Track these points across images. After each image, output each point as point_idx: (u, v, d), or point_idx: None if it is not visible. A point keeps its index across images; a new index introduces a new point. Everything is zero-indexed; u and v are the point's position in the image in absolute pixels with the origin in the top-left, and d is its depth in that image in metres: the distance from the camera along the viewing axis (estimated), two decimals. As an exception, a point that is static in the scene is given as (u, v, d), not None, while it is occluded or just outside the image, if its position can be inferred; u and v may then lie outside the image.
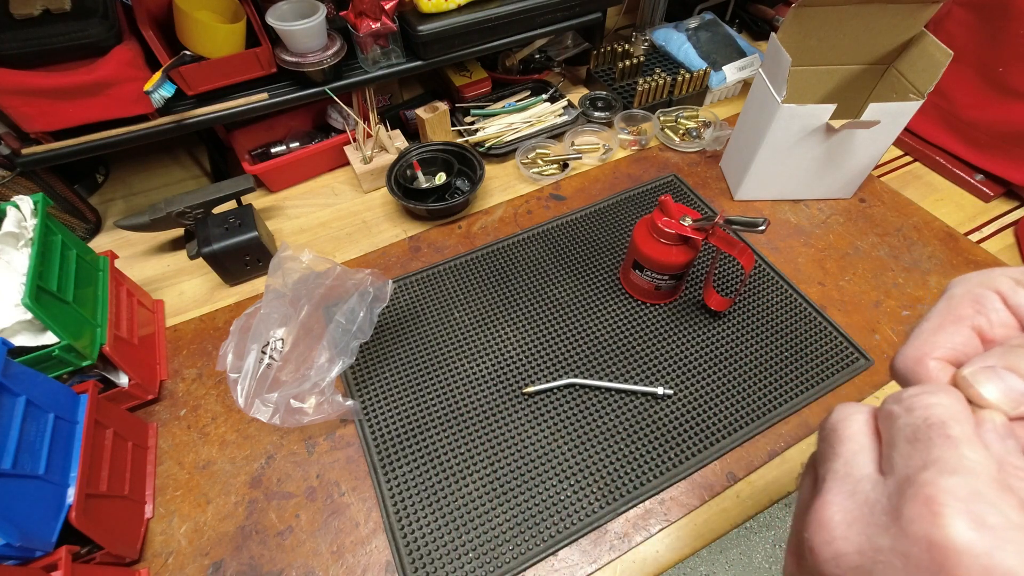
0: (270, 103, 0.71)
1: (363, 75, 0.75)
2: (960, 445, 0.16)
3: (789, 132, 0.67)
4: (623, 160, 0.84)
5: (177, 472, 0.54)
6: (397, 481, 0.52)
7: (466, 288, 0.68)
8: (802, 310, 0.65)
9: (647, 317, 0.64)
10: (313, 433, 0.56)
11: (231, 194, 0.69)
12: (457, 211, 0.77)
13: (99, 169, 0.84)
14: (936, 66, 0.61)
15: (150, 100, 0.63)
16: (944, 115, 0.79)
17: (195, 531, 0.50)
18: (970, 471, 0.16)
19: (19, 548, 0.36)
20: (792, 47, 0.66)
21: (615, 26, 1.09)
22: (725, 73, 0.90)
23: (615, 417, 0.56)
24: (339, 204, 0.80)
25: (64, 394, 0.46)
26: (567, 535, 0.49)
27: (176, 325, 0.65)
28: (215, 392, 0.59)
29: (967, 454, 0.16)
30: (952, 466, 0.16)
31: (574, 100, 0.90)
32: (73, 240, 0.55)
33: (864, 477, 0.19)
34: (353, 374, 0.60)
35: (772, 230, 0.74)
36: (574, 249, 0.72)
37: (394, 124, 0.84)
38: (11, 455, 0.38)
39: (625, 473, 0.52)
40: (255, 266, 0.68)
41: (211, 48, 0.65)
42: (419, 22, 0.72)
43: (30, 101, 0.58)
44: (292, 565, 0.48)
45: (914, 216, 0.75)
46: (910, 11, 0.63)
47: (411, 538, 0.49)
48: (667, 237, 0.57)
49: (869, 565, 0.17)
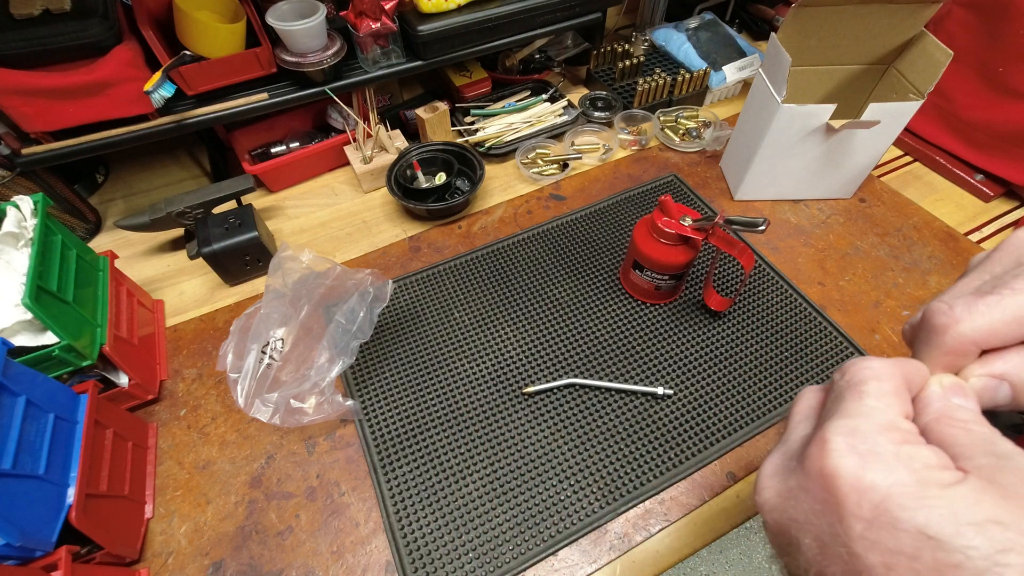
0: (270, 103, 0.71)
1: (363, 75, 0.75)
2: (865, 397, 0.20)
3: (789, 132, 0.67)
4: (623, 160, 0.84)
5: (177, 472, 0.54)
6: (397, 481, 0.52)
7: (466, 288, 0.68)
8: (802, 310, 0.65)
9: (647, 317, 0.64)
10: (313, 433, 0.56)
11: (231, 194, 0.69)
12: (457, 211, 0.77)
13: (99, 169, 0.84)
14: (936, 66, 0.61)
15: (150, 100, 0.63)
16: (944, 115, 0.79)
17: (195, 531, 0.50)
18: (860, 415, 0.19)
19: (19, 548, 0.36)
20: (792, 47, 0.66)
21: (615, 26, 1.09)
22: (725, 73, 0.90)
23: (615, 417, 0.56)
24: (339, 204, 0.80)
25: (64, 394, 0.46)
26: (567, 535, 0.49)
27: (176, 325, 0.65)
28: (215, 392, 0.59)
29: (868, 403, 0.19)
30: (849, 412, 0.19)
31: (574, 100, 0.90)
32: (73, 240, 0.55)
33: (797, 438, 0.22)
34: (353, 374, 0.60)
35: (772, 230, 0.74)
36: (574, 249, 0.72)
37: (394, 124, 0.84)
38: (11, 455, 0.38)
39: (625, 473, 0.52)
40: (255, 266, 0.68)
41: (211, 48, 0.65)
42: (419, 22, 0.72)
43: (30, 101, 0.58)
44: (292, 565, 0.48)
45: (914, 216, 0.75)
46: (910, 11, 0.63)
47: (411, 538, 0.49)
48: (667, 237, 0.57)
49: (783, 503, 0.20)
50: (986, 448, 0.18)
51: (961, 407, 0.20)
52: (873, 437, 0.18)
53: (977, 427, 0.19)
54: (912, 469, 0.17)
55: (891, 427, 0.19)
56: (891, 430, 0.18)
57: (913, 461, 0.18)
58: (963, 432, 0.19)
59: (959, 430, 0.19)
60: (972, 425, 0.19)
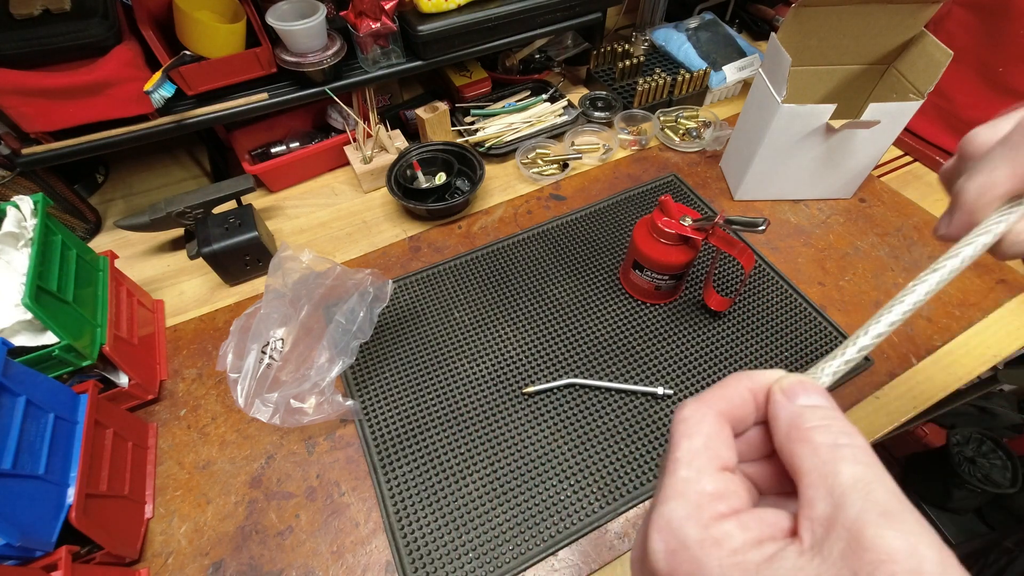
0: (270, 103, 0.71)
1: (363, 75, 0.75)
2: (679, 468, 0.19)
3: (789, 132, 0.67)
4: (623, 160, 0.84)
5: (177, 472, 0.54)
6: (397, 481, 0.52)
7: (466, 288, 0.68)
8: (802, 310, 0.65)
9: (647, 317, 0.64)
10: (313, 433, 0.56)
11: (231, 194, 0.69)
12: (457, 211, 0.77)
13: (99, 169, 0.84)
14: (936, 66, 0.61)
15: (150, 100, 0.63)
16: (944, 115, 0.79)
17: (195, 531, 0.50)
18: (673, 496, 0.18)
19: (19, 548, 0.36)
20: (792, 47, 0.66)
21: (615, 26, 1.09)
22: (725, 73, 0.90)
23: (615, 417, 0.56)
24: (339, 204, 0.80)
25: (64, 394, 0.46)
26: (567, 535, 0.49)
27: (176, 325, 0.65)
28: (215, 392, 0.59)
29: (680, 475, 0.19)
30: (666, 495, 0.19)
31: (574, 100, 0.90)
32: (73, 240, 0.55)
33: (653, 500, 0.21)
34: (353, 374, 0.60)
35: (772, 230, 0.74)
36: (574, 249, 0.72)
37: (394, 124, 0.84)
38: (11, 455, 0.38)
39: (625, 473, 0.52)
40: (255, 266, 0.68)
41: (211, 48, 0.65)
42: (419, 22, 0.72)
43: (30, 101, 0.58)
44: (292, 565, 0.48)
45: (914, 216, 0.75)
46: (910, 11, 0.63)
47: (411, 538, 0.49)
48: (667, 237, 0.57)
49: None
50: (826, 484, 0.17)
51: (806, 409, 0.19)
52: (682, 529, 0.17)
53: (822, 437, 0.18)
54: (718, 559, 0.16)
55: (699, 506, 0.18)
56: (700, 509, 0.18)
57: (719, 548, 0.17)
58: (808, 454, 0.18)
59: (804, 449, 0.18)
60: (817, 435, 0.18)
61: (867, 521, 0.15)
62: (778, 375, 0.21)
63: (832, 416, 0.19)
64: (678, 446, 0.19)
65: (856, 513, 0.15)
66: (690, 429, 0.20)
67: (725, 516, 0.17)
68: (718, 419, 0.20)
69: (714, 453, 0.19)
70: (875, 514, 0.15)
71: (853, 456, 0.17)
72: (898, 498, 0.16)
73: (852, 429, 0.18)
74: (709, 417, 0.20)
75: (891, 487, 0.16)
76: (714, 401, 0.20)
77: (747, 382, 0.21)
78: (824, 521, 0.16)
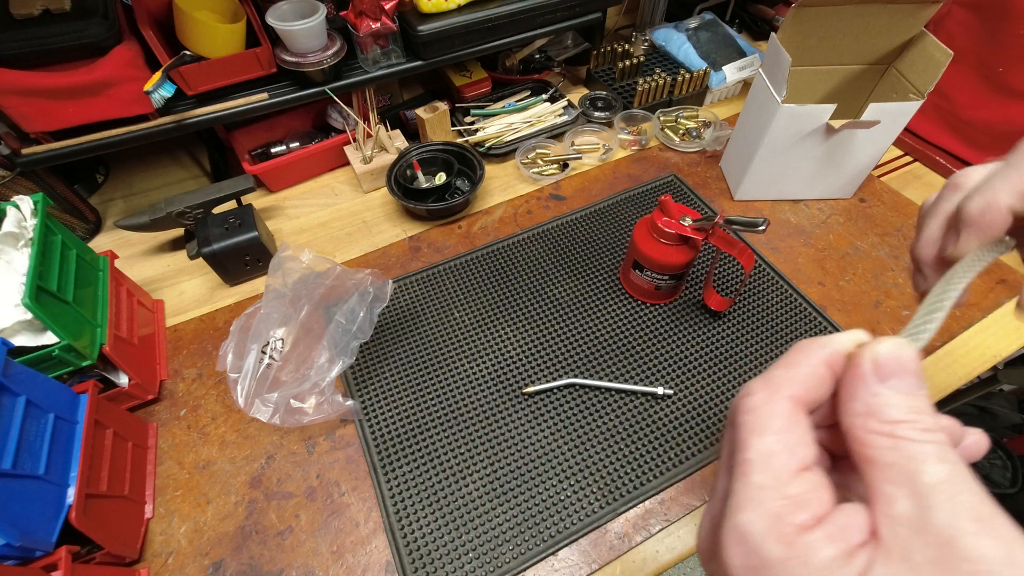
0: (270, 103, 0.71)
1: (363, 75, 0.75)
2: (752, 473, 0.17)
3: (789, 132, 0.67)
4: (623, 160, 0.84)
5: (177, 472, 0.54)
6: (397, 481, 0.52)
7: (466, 288, 0.68)
8: (802, 310, 0.65)
9: (647, 317, 0.64)
10: (313, 433, 0.56)
11: (231, 194, 0.69)
12: (457, 211, 0.77)
13: (99, 169, 0.84)
14: (936, 66, 0.61)
15: (150, 100, 0.63)
16: (944, 115, 0.79)
17: (195, 531, 0.50)
18: (748, 507, 0.17)
19: (19, 548, 0.36)
20: (792, 47, 0.66)
21: (615, 26, 1.09)
22: (725, 73, 0.90)
23: (615, 417, 0.56)
24: (339, 204, 0.80)
25: (64, 394, 0.46)
26: (567, 535, 0.49)
27: (176, 325, 0.65)
28: (215, 392, 0.59)
29: (754, 480, 0.17)
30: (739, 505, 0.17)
31: (574, 100, 0.90)
32: (73, 240, 0.55)
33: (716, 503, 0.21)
34: (353, 374, 0.60)
35: (772, 230, 0.74)
36: (574, 249, 0.72)
37: (394, 124, 0.84)
38: (11, 455, 0.38)
39: (625, 473, 0.52)
40: (255, 266, 0.68)
41: (211, 48, 0.65)
42: (419, 22, 0.72)
43: (30, 101, 0.58)
44: (292, 565, 0.48)
45: (914, 216, 0.75)
46: (910, 11, 0.63)
47: (411, 538, 0.49)
48: (667, 237, 0.57)
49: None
50: (909, 482, 0.15)
51: (897, 396, 0.16)
52: (763, 545, 0.16)
53: (908, 432, 0.16)
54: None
55: (778, 517, 0.16)
56: (780, 521, 0.16)
57: (806, 568, 0.15)
58: (888, 446, 0.16)
59: (885, 442, 0.16)
60: (903, 429, 0.16)
61: (959, 528, 0.14)
62: (858, 337, 0.18)
63: (922, 409, 0.16)
64: (747, 445, 0.17)
65: (946, 518, 0.14)
66: (761, 423, 0.17)
67: (808, 528, 0.16)
68: (793, 408, 0.17)
69: (791, 452, 0.17)
70: (967, 520, 0.14)
71: (938, 454, 0.15)
72: (987, 502, 0.15)
73: (937, 424, 0.16)
74: (782, 406, 0.17)
75: (977, 489, 0.15)
76: (785, 384, 0.18)
77: (821, 352, 0.18)
78: (907, 522, 0.15)
